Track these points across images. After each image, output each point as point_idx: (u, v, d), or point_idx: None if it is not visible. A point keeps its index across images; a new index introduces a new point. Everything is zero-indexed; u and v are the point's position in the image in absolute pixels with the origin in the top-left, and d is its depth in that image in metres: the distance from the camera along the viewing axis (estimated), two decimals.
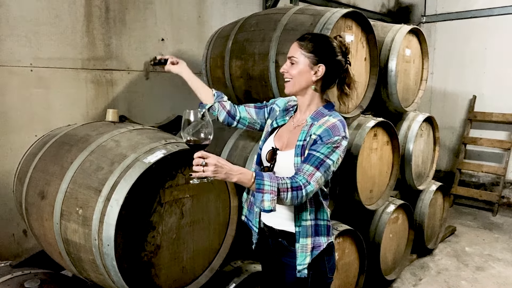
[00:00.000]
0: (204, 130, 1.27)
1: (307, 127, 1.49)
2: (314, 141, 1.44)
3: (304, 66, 1.47)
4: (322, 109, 1.53)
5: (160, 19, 3.29)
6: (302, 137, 1.48)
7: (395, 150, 3.05)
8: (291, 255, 1.54)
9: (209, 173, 1.25)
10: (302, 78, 1.48)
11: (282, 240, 1.57)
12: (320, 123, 1.47)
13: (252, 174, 1.32)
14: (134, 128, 1.87)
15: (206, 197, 1.81)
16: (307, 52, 1.47)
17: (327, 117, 1.49)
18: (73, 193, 1.63)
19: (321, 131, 1.43)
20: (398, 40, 3.05)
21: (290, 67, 1.50)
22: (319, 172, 1.38)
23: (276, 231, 1.58)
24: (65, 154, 1.78)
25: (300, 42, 1.49)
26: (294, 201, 1.36)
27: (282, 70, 1.51)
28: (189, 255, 1.78)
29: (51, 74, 2.73)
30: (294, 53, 1.49)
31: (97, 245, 1.52)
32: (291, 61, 1.49)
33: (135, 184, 1.50)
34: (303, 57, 1.47)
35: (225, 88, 2.86)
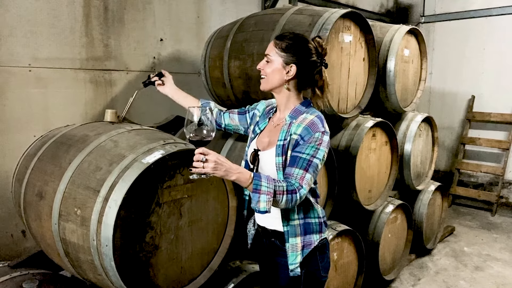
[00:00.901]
0: (206, 128, 1.29)
1: (286, 126, 1.51)
2: (296, 142, 1.45)
3: (277, 64, 1.49)
4: (299, 107, 1.54)
5: (159, 19, 3.29)
6: (282, 137, 1.49)
7: (393, 150, 3.06)
8: (284, 255, 1.56)
9: (209, 170, 1.27)
10: (274, 76, 1.50)
11: (275, 240, 1.60)
12: (299, 121, 1.49)
13: (250, 174, 1.34)
14: (133, 129, 1.87)
15: (204, 197, 1.81)
16: (280, 51, 1.49)
17: (305, 114, 1.51)
18: (72, 193, 1.62)
19: (301, 130, 1.45)
20: (396, 40, 3.05)
21: (265, 64, 1.53)
22: (309, 174, 1.40)
23: (269, 231, 1.61)
24: (64, 154, 1.78)
25: (276, 41, 1.51)
26: (288, 204, 1.38)
27: (258, 67, 1.55)
28: (187, 255, 1.78)
29: (49, 74, 2.73)
30: (270, 51, 1.51)
31: (95, 245, 1.52)
32: (267, 59, 1.52)
33: (133, 185, 1.50)
34: (277, 56, 1.49)
35: (224, 88, 2.86)
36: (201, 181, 1.78)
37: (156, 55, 3.30)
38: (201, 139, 1.30)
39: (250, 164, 1.57)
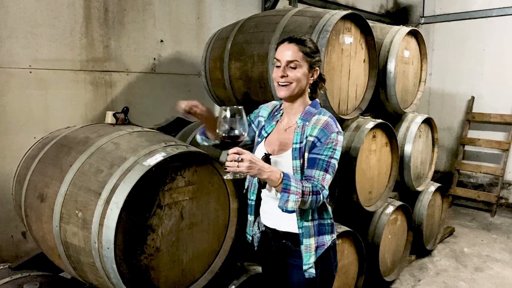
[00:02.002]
0: (238, 128, 1.29)
1: (299, 128, 1.51)
2: (312, 144, 1.47)
3: (305, 69, 1.50)
4: (310, 108, 1.55)
5: (159, 20, 3.29)
6: (297, 140, 1.49)
7: (394, 152, 3.06)
8: (297, 255, 1.55)
9: (244, 169, 1.28)
10: (303, 82, 1.50)
11: (286, 242, 1.58)
12: (313, 123, 1.50)
13: (280, 173, 1.36)
14: (134, 131, 1.87)
15: (205, 199, 1.81)
16: (307, 55, 1.49)
17: (317, 115, 1.52)
18: (73, 195, 1.62)
19: (316, 132, 1.46)
20: (396, 41, 3.06)
21: (291, 70, 1.49)
22: (329, 174, 1.45)
23: (280, 233, 1.59)
24: (65, 156, 1.78)
25: (299, 46, 1.49)
26: (312, 204, 1.42)
27: (282, 74, 1.48)
28: (188, 258, 1.78)
29: (50, 76, 2.73)
30: (296, 56, 1.48)
31: (96, 248, 1.52)
32: (293, 65, 1.48)
33: (134, 187, 1.50)
34: (304, 61, 1.49)
35: (225, 89, 2.86)
36: (201, 183, 1.79)
37: (156, 56, 3.30)
38: (234, 139, 1.30)
39: None
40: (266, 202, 1.62)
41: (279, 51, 1.52)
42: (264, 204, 1.64)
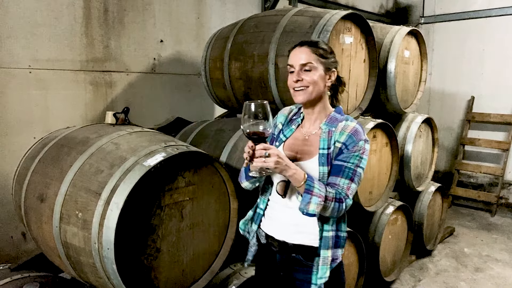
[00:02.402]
0: (264, 123, 1.25)
1: (325, 134, 1.44)
2: (340, 150, 1.41)
3: (321, 71, 1.43)
4: (335, 114, 1.48)
5: (159, 20, 3.28)
6: (324, 146, 1.42)
7: (394, 152, 3.06)
8: (307, 271, 1.46)
9: (271, 164, 1.26)
10: (320, 85, 1.43)
11: (297, 255, 1.47)
12: (340, 129, 1.43)
13: (304, 174, 1.33)
14: (134, 131, 1.87)
15: (205, 199, 1.81)
16: (321, 57, 1.42)
17: (344, 122, 1.45)
18: (73, 196, 1.62)
19: (344, 138, 1.40)
20: (397, 41, 3.05)
21: (306, 74, 1.41)
22: (354, 184, 1.39)
23: (290, 246, 1.47)
24: (65, 157, 1.77)
25: (313, 48, 1.43)
26: (334, 212, 1.36)
27: (297, 79, 1.41)
28: (189, 258, 1.78)
29: (50, 76, 2.72)
30: (309, 59, 1.41)
31: (97, 248, 1.51)
32: (308, 67, 1.41)
33: (135, 188, 1.50)
34: (318, 63, 1.42)
35: (225, 89, 2.86)
36: (202, 184, 1.78)
37: (156, 56, 3.30)
38: (259, 135, 1.26)
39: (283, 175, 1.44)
40: (279, 212, 1.50)
41: (291, 57, 1.45)
42: (274, 215, 1.52)
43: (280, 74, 2.46)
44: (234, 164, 2.29)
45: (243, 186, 1.53)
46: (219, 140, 2.47)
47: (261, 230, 1.55)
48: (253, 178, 1.47)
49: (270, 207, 1.54)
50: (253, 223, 1.59)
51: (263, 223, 1.55)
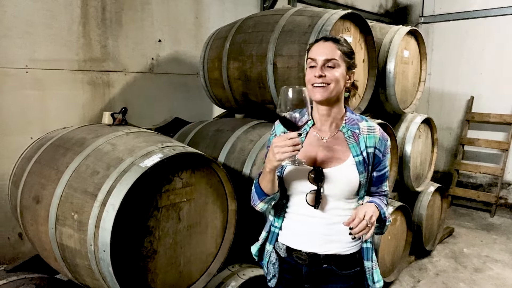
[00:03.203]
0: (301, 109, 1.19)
1: (351, 139, 1.37)
2: (377, 158, 1.39)
3: (343, 70, 1.34)
4: (350, 115, 1.43)
5: (157, 20, 3.27)
6: (357, 152, 1.36)
7: (393, 152, 3.05)
8: (340, 280, 1.41)
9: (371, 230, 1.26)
10: (341, 84, 1.34)
11: (329, 266, 1.40)
12: (366, 131, 1.38)
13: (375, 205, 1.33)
14: (131, 131, 1.85)
15: (203, 201, 1.79)
16: (345, 56, 1.35)
17: (364, 122, 1.41)
18: (69, 197, 1.60)
19: (376, 142, 1.38)
20: (396, 41, 3.04)
21: (329, 70, 1.32)
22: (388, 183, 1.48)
23: (321, 257, 1.39)
24: (61, 157, 1.76)
25: (338, 44, 1.35)
26: None
27: (319, 74, 1.31)
28: (186, 260, 1.76)
29: (47, 76, 2.71)
30: (334, 55, 1.32)
31: (92, 250, 1.50)
32: (331, 64, 1.32)
33: (131, 189, 1.48)
34: (342, 61, 1.34)
35: (223, 89, 2.84)
36: (199, 185, 1.77)
37: (154, 56, 3.28)
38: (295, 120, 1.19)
39: (312, 183, 1.36)
40: (305, 224, 1.41)
41: (314, 50, 1.35)
42: (299, 227, 1.42)
43: (278, 74, 2.44)
44: (232, 165, 2.28)
45: (258, 209, 1.40)
46: (217, 140, 2.45)
47: (280, 243, 1.45)
48: (267, 197, 1.34)
49: (292, 220, 1.43)
50: (268, 243, 1.49)
51: (283, 238, 1.45)
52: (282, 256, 1.45)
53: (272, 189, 1.32)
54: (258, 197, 1.36)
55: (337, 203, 1.37)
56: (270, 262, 1.47)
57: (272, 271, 1.46)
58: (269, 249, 1.47)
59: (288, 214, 1.44)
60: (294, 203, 1.42)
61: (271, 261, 1.46)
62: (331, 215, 1.37)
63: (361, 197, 1.40)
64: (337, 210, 1.37)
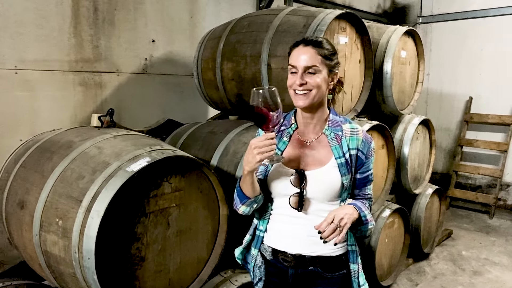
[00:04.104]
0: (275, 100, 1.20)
1: (334, 141, 1.37)
2: (360, 160, 1.37)
3: (325, 74, 1.32)
4: (333, 117, 1.41)
5: (151, 20, 3.21)
6: (340, 154, 1.35)
7: (390, 154, 3.00)
8: (329, 282, 1.40)
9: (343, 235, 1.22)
10: (323, 88, 1.33)
11: (315, 268, 1.39)
12: (348, 134, 1.37)
13: (354, 207, 1.31)
14: (119, 134, 1.80)
15: (193, 205, 1.74)
16: (325, 59, 1.32)
17: (347, 124, 1.40)
18: (53, 203, 1.55)
19: (359, 145, 1.37)
20: (393, 41, 2.99)
21: (310, 77, 1.30)
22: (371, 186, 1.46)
23: (307, 259, 1.38)
24: (46, 161, 1.71)
25: (318, 49, 1.32)
26: None
27: (300, 82, 1.29)
28: (176, 266, 1.71)
29: (37, 77, 2.66)
30: (314, 61, 1.30)
31: (77, 258, 1.45)
32: (312, 70, 1.30)
33: (117, 194, 1.43)
34: (323, 65, 1.32)
35: (217, 90, 2.79)
36: (189, 189, 1.72)
37: (148, 57, 3.23)
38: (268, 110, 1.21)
39: (295, 186, 1.35)
40: (290, 225, 1.39)
41: (294, 56, 1.33)
42: (284, 228, 1.40)
43: (273, 75, 2.39)
44: (225, 168, 2.23)
45: (240, 212, 1.39)
46: (210, 143, 2.40)
47: (266, 245, 1.43)
48: (248, 200, 1.33)
49: (277, 222, 1.42)
50: (253, 247, 1.47)
51: (268, 240, 1.43)
52: (268, 258, 1.44)
53: (253, 192, 1.32)
54: (239, 200, 1.36)
55: (320, 205, 1.36)
56: (256, 266, 1.45)
57: (258, 275, 1.45)
58: (255, 253, 1.46)
59: (273, 216, 1.43)
60: (278, 205, 1.41)
61: (257, 264, 1.45)
62: (314, 217, 1.35)
63: (343, 200, 1.39)
64: (320, 212, 1.35)
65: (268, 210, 1.43)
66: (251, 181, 1.29)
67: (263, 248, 1.44)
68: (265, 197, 1.42)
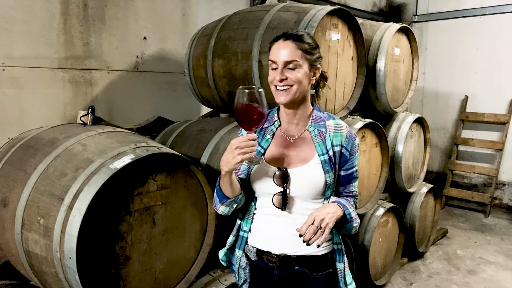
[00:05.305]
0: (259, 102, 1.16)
1: (317, 137, 1.34)
2: (344, 157, 1.35)
3: (306, 68, 1.29)
4: (317, 113, 1.39)
5: (142, 17, 3.18)
6: (323, 151, 1.32)
7: (384, 152, 2.97)
8: (315, 282, 1.37)
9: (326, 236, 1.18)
10: (304, 83, 1.30)
11: (300, 268, 1.36)
12: (332, 130, 1.35)
13: (338, 205, 1.28)
14: (104, 131, 1.77)
15: (181, 204, 1.71)
16: (306, 53, 1.29)
17: (331, 120, 1.38)
18: (35, 201, 1.52)
19: (342, 141, 1.34)
20: (386, 39, 2.96)
21: (290, 72, 1.27)
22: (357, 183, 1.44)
23: (292, 258, 1.35)
24: (30, 159, 1.67)
25: (298, 43, 1.28)
26: None
27: (281, 78, 1.26)
28: (162, 266, 1.68)
29: (25, 74, 2.61)
30: (294, 56, 1.27)
31: (58, 257, 1.41)
32: (292, 65, 1.27)
33: (100, 192, 1.40)
34: (303, 60, 1.28)
35: (209, 88, 2.76)
36: (176, 187, 1.68)
37: (139, 54, 3.20)
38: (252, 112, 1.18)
39: (278, 185, 1.31)
40: (274, 224, 1.35)
41: (273, 51, 1.30)
42: (269, 228, 1.36)
43: (264, 71, 2.36)
44: (215, 166, 2.19)
45: (219, 212, 1.35)
46: (200, 140, 2.37)
47: (250, 246, 1.39)
48: (228, 200, 1.30)
49: (261, 222, 1.38)
50: (237, 248, 1.43)
51: (252, 240, 1.39)
52: (252, 259, 1.41)
53: (232, 192, 1.29)
54: (219, 200, 1.33)
55: (304, 203, 1.33)
56: (240, 267, 1.41)
57: (243, 276, 1.41)
58: (239, 254, 1.42)
59: (257, 216, 1.40)
60: (262, 205, 1.38)
61: (241, 265, 1.41)
62: (299, 216, 1.32)
63: (327, 198, 1.35)
64: (304, 210, 1.32)
65: (251, 209, 1.40)
66: (230, 181, 1.25)
67: (248, 249, 1.41)
68: (248, 196, 1.39)
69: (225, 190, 1.29)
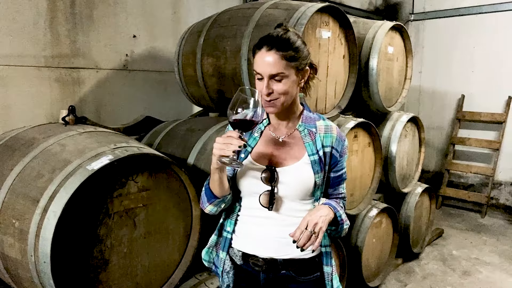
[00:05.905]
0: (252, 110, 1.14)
1: (308, 137, 1.31)
2: (334, 158, 1.33)
3: (293, 77, 1.22)
4: (307, 113, 1.35)
5: (132, 14, 3.12)
6: (313, 151, 1.29)
7: (377, 152, 2.93)
8: (302, 286, 1.33)
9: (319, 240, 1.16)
10: (293, 91, 1.24)
11: (287, 272, 1.31)
12: (323, 131, 1.32)
13: (329, 207, 1.25)
14: (85, 131, 1.72)
15: (163, 206, 1.66)
16: (291, 60, 1.21)
17: (321, 121, 1.35)
18: (11, 203, 1.47)
19: (333, 142, 1.32)
20: (379, 37, 2.92)
21: (276, 84, 1.21)
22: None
23: (279, 262, 1.30)
24: (7, 159, 1.62)
25: (282, 53, 1.19)
26: None
27: (267, 91, 1.20)
28: (144, 270, 1.63)
29: (10, 73, 2.56)
30: (279, 68, 1.19)
31: (33, 261, 1.36)
32: (279, 77, 1.20)
33: (76, 194, 1.35)
34: (289, 68, 1.21)
35: (198, 87, 2.71)
36: (158, 189, 1.64)
37: (128, 53, 3.14)
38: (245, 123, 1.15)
39: (266, 183, 1.27)
40: (260, 227, 1.31)
41: (257, 62, 1.22)
42: (254, 231, 1.32)
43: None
44: (202, 166, 2.15)
45: (206, 211, 1.31)
46: (187, 140, 2.32)
47: (235, 249, 1.35)
48: (216, 199, 1.26)
49: (245, 224, 1.33)
50: (220, 250, 1.38)
51: (237, 242, 1.35)
52: (238, 263, 1.35)
53: (220, 191, 1.24)
54: (207, 199, 1.29)
55: (292, 204, 1.28)
56: (224, 271, 1.36)
57: (226, 281, 1.35)
58: (223, 256, 1.37)
59: (241, 217, 1.35)
60: (247, 205, 1.33)
61: (225, 269, 1.36)
62: (286, 217, 1.28)
63: (316, 199, 1.31)
64: (292, 212, 1.28)
65: (235, 211, 1.35)
66: (219, 179, 1.21)
67: (233, 253, 1.35)
68: (233, 196, 1.34)
69: (214, 189, 1.25)
